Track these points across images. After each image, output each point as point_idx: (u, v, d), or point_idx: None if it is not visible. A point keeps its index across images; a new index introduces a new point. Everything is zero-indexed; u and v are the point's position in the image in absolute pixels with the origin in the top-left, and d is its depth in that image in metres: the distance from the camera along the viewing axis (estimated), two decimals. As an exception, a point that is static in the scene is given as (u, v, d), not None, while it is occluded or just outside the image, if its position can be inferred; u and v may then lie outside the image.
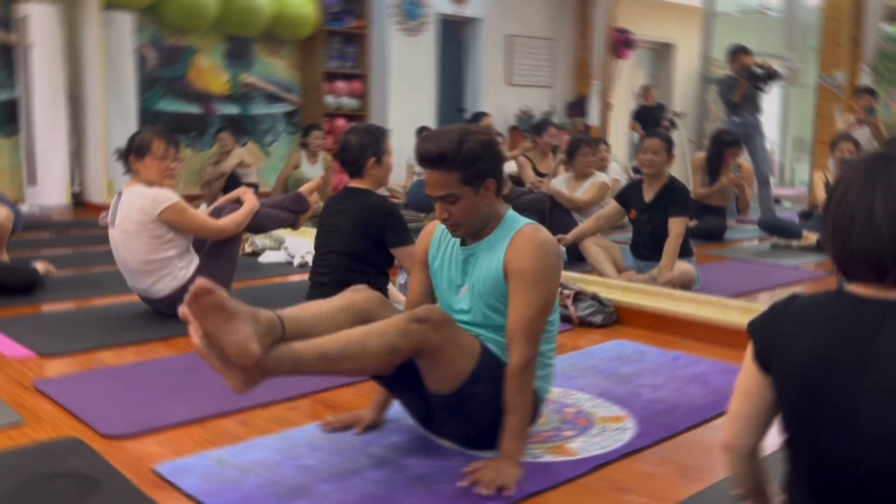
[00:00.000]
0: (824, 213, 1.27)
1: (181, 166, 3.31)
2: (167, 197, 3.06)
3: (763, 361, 1.29)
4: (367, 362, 1.70)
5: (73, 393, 2.30)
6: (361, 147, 2.81)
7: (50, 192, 6.73)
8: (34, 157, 6.67)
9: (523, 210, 2.21)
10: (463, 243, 1.93)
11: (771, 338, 1.28)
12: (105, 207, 6.28)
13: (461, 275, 1.91)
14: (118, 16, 6.85)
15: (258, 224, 3.42)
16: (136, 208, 3.05)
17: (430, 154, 1.78)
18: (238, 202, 3.40)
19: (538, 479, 1.78)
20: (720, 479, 1.81)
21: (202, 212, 3.41)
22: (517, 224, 1.88)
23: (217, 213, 3.35)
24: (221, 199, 3.55)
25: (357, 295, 1.91)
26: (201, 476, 1.78)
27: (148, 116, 7.34)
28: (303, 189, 3.71)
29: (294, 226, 3.62)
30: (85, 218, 6.39)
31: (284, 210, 3.56)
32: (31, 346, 2.76)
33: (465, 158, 1.77)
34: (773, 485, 1.45)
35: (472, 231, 1.87)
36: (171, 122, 7.54)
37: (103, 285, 3.83)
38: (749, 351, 1.32)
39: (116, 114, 6.91)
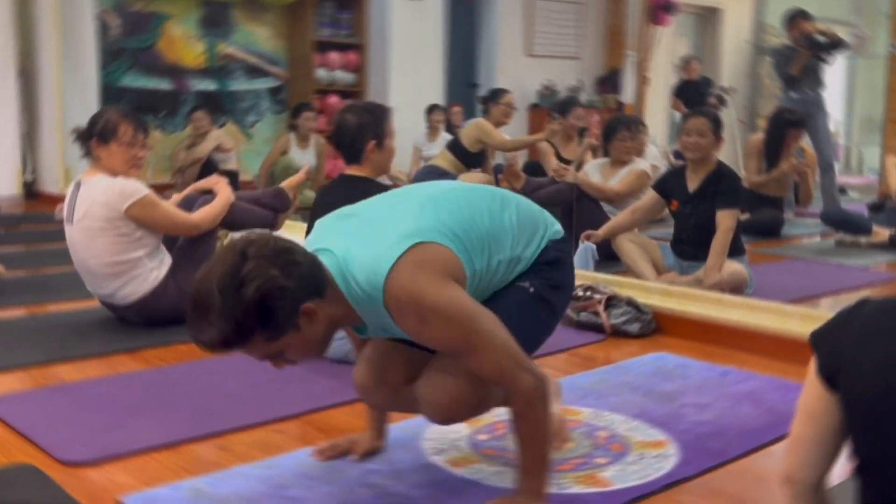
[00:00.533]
0: None
1: (150, 153, 3.33)
2: (136, 189, 3.07)
3: (829, 377, 1.30)
4: None
5: (25, 413, 2.32)
6: (360, 128, 2.81)
7: (-2, 180, 6.80)
8: (-22, 141, 6.73)
9: (545, 204, 2.17)
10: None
11: (838, 350, 1.28)
12: (61, 198, 6.34)
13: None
14: (77, -22, 6.91)
15: (233, 220, 3.44)
16: (99, 202, 3.06)
17: (213, 347, 1.55)
18: (210, 193, 3.41)
19: (566, 513, 1.79)
20: (778, 514, 1.81)
21: (173, 202, 3.42)
22: (377, 297, 1.63)
23: (188, 205, 3.37)
24: (190, 188, 3.57)
25: None
26: (174, 509, 1.79)
27: (111, 93, 7.41)
28: (285, 184, 3.73)
29: (273, 226, 3.62)
30: (38, 210, 6.46)
31: (263, 206, 3.59)
32: (-24, 359, 2.78)
33: (253, 325, 1.52)
34: None
35: (322, 354, 1.73)
36: (137, 100, 7.61)
37: (60, 288, 3.88)
38: (812, 366, 1.33)
39: (74, 90, 6.98)
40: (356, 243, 1.67)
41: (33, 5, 6.95)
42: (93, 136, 3.14)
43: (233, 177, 7.38)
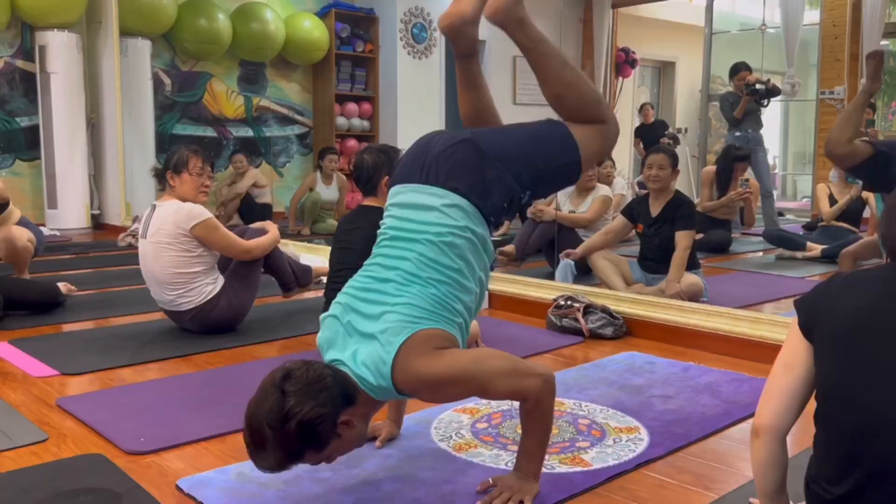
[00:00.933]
0: (882, 219, 1.38)
1: (213, 184, 3.34)
2: (201, 212, 3.11)
3: (807, 328, 1.36)
4: None
5: (95, 410, 2.29)
6: (375, 166, 2.81)
7: (70, 215, 6.79)
8: (54, 181, 6.73)
9: (533, 246, 2.15)
10: None
11: (816, 306, 1.36)
12: (123, 229, 6.36)
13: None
14: (136, 42, 6.92)
15: (271, 263, 3.46)
16: (169, 221, 3.09)
17: (273, 471, 1.56)
18: (262, 231, 3.45)
19: (555, 490, 1.76)
20: (734, 488, 1.79)
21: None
22: (390, 388, 1.61)
23: (239, 234, 3.37)
24: (253, 225, 3.59)
25: None
26: (222, 490, 1.77)
27: (164, 140, 7.40)
28: (317, 269, 3.75)
29: (286, 293, 3.62)
30: (104, 239, 6.43)
31: (292, 268, 3.59)
32: (53, 365, 2.76)
33: (302, 448, 1.52)
34: (787, 494, 1.44)
35: (364, 441, 1.69)
36: (187, 146, 7.60)
37: (122, 305, 3.85)
38: (793, 324, 1.39)
39: (134, 138, 6.98)
40: (360, 346, 1.64)
41: (100, 66, 6.95)
42: (168, 169, 3.17)
43: (267, 209, 7.40)
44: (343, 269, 2.87)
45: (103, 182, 7.14)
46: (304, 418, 1.48)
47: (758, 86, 6.51)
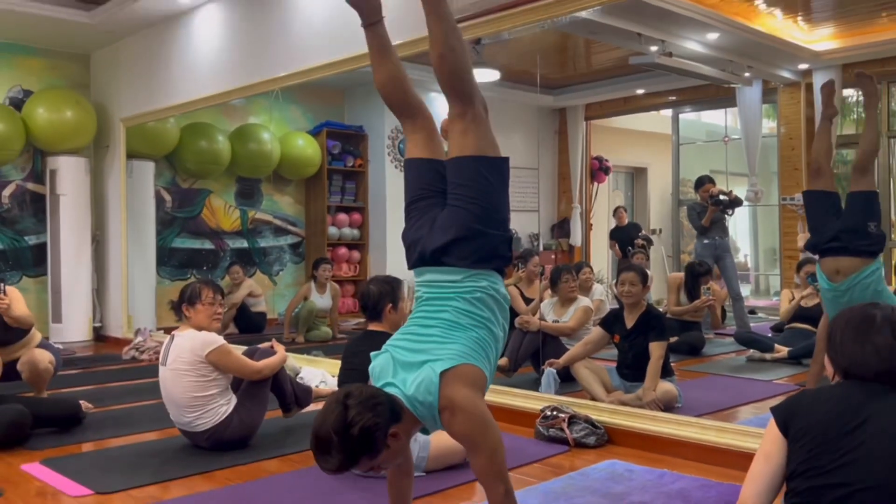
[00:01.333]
0: (829, 339, 1.84)
1: (223, 310, 3.66)
2: (214, 340, 3.41)
3: (783, 427, 1.77)
4: None
5: (134, 528, 2.55)
6: (381, 295, 3.16)
7: (73, 328, 7.05)
8: (59, 297, 7.02)
9: (524, 356, 2.49)
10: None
11: (792, 409, 1.78)
12: (126, 342, 6.62)
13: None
14: (141, 164, 7.35)
15: (275, 383, 3.70)
16: (186, 349, 3.39)
17: (335, 471, 1.87)
18: (270, 350, 3.73)
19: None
20: (701, 586, 2.08)
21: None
22: (433, 395, 1.97)
23: (249, 354, 3.67)
24: (259, 346, 3.84)
25: None
26: None
27: (164, 253, 7.75)
28: (316, 391, 4.11)
29: (286, 413, 3.84)
30: (107, 352, 6.67)
31: (293, 392, 3.84)
32: (86, 484, 3.01)
33: (360, 453, 1.85)
34: None
35: (404, 456, 2.09)
36: (185, 258, 7.95)
37: (137, 422, 4.09)
38: (771, 424, 1.80)
39: (136, 252, 7.31)
40: (410, 373, 2.01)
41: (106, 187, 7.35)
42: (183, 302, 3.48)
43: (262, 317, 7.70)
44: (350, 389, 3.19)
45: (105, 295, 7.43)
46: (364, 425, 1.83)
47: (721, 197, 7.00)
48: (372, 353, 2.16)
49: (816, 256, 3.89)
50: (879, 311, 1.81)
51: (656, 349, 4.08)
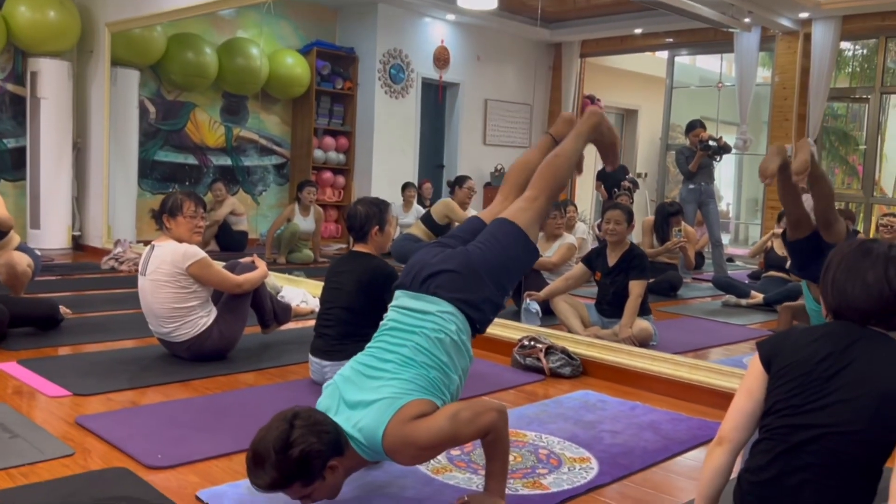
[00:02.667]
0: (823, 275, 1.81)
1: (205, 224, 3.61)
2: (195, 252, 3.38)
3: (766, 363, 1.78)
4: None
5: (112, 428, 2.57)
6: (367, 217, 3.13)
7: (51, 235, 6.98)
8: (38, 202, 6.92)
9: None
10: None
11: (777, 347, 1.78)
12: (105, 251, 6.57)
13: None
14: (125, 72, 7.18)
15: (255, 298, 3.69)
16: (167, 261, 3.36)
17: (265, 489, 1.83)
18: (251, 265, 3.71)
19: (517, 508, 2.10)
20: (667, 510, 2.15)
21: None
22: (377, 442, 1.92)
23: (230, 268, 3.65)
24: (240, 261, 3.83)
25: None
26: (237, 501, 2.07)
27: (146, 166, 7.65)
28: (296, 310, 4.06)
29: (265, 329, 3.84)
30: (86, 261, 6.63)
31: (273, 308, 3.84)
32: (65, 386, 3.02)
33: (294, 476, 1.80)
34: None
35: (339, 492, 1.97)
36: (168, 172, 7.85)
37: (116, 329, 4.10)
38: (755, 359, 1.81)
39: (118, 162, 7.21)
40: (355, 413, 1.97)
41: (89, 94, 7.19)
42: (164, 212, 3.43)
43: (243, 236, 7.67)
44: (332, 307, 3.20)
45: (85, 205, 7.34)
46: (304, 449, 1.79)
47: (710, 142, 6.98)
48: (325, 385, 2.12)
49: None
50: (876, 247, 1.75)
51: (636, 287, 4.12)
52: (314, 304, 4.63)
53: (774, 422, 1.74)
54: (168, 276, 3.35)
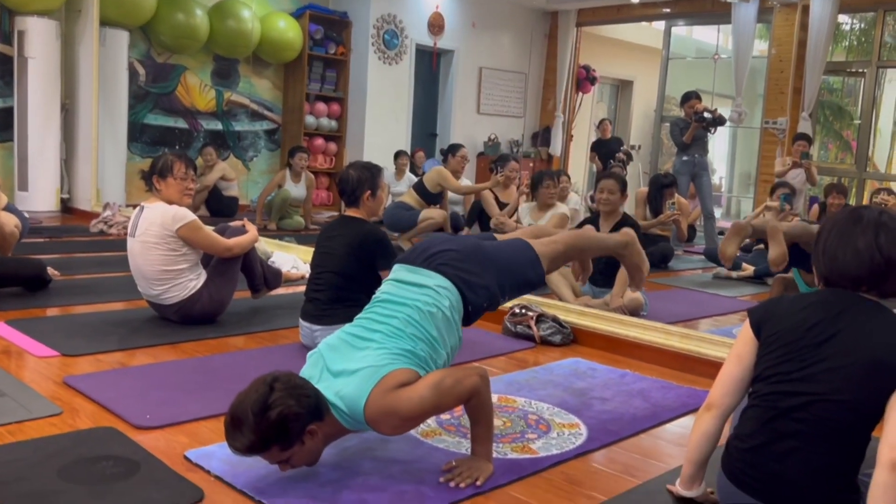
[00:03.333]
0: (816, 242, 1.80)
1: (195, 187, 3.58)
2: (185, 215, 3.35)
3: (756, 329, 1.79)
4: None
5: (100, 389, 2.56)
6: (360, 181, 3.10)
7: (40, 198, 6.91)
8: (26, 164, 6.85)
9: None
10: None
11: (767, 313, 1.80)
12: (94, 215, 6.52)
13: None
14: (114, 33, 7.08)
15: (245, 261, 3.66)
16: (156, 223, 3.32)
17: (242, 452, 1.81)
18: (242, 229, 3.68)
19: (506, 472, 2.10)
20: (655, 476, 2.16)
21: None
22: (358, 411, 1.90)
23: (220, 232, 3.62)
24: (230, 224, 3.80)
25: None
26: (225, 461, 2.07)
27: (136, 129, 7.57)
28: (286, 274, 4.04)
29: (255, 294, 3.82)
30: (74, 224, 6.58)
31: (263, 273, 3.81)
32: (52, 346, 3.00)
33: (270, 437, 1.79)
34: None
35: (318, 458, 1.97)
36: (158, 136, 7.78)
37: (105, 292, 4.07)
38: (746, 325, 1.82)
39: (106, 125, 7.14)
40: (337, 382, 1.95)
41: (77, 54, 7.08)
42: (154, 174, 3.39)
43: (234, 202, 7.62)
44: (323, 271, 3.19)
45: (74, 167, 7.27)
46: (282, 412, 1.77)
47: (706, 114, 6.95)
48: (309, 353, 2.11)
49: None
50: (867, 213, 1.74)
51: (628, 257, 4.11)
52: (305, 270, 4.61)
53: (763, 388, 1.74)
54: (157, 238, 3.32)
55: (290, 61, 8.41)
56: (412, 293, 2.12)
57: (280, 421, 1.78)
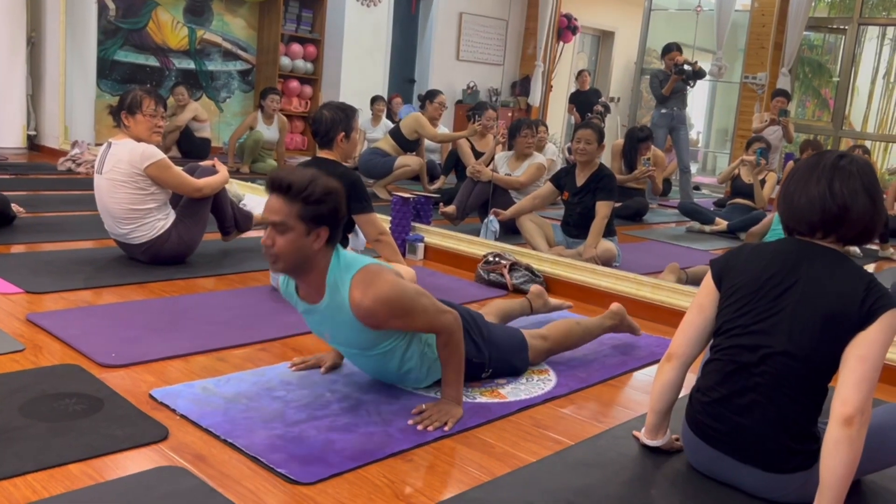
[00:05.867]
0: (781, 188, 1.80)
1: (164, 124, 3.49)
2: (154, 153, 3.27)
3: (718, 281, 1.80)
4: None
5: (65, 327, 2.52)
6: (334, 122, 3.05)
7: (5, 134, 6.75)
8: (-10, 99, 6.64)
9: (472, 206, 2.47)
10: (298, 293, 2.07)
11: (727, 266, 1.81)
12: (61, 152, 6.38)
13: (316, 325, 2.12)
14: (82, -36, 6.82)
15: (214, 202, 3.60)
16: (124, 160, 3.25)
17: (281, 181, 1.87)
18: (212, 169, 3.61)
19: (476, 416, 2.11)
20: (621, 423, 2.18)
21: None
22: (345, 284, 1.94)
23: (189, 172, 3.55)
24: (200, 164, 3.73)
25: None
26: (191, 400, 2.05)
27: (105, 65, 7.35)
28: (257, 217, 3.91)
29: (225, 236, 3.76)
30: (41, 161, 6.43)
31: (234, 215, 3.75)
32: (17, 283, 2.95)
33: (308, 195, 1.85)
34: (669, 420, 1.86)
35: (288, 269, 1.95)
36: (128, 73, 7.56)
37: (72, 230, 4.00)
38: (707, 276, 1.83)
39: (74, 60, 6.92)
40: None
41: (43, -15, 6.85)
42: (123, 109, 3.30)
43: (206, 143, 7.47)
44: (295, 214, 3.14)
45: (41, 103, 7.07)
46: (326, 189, 1.89)
47: (686, 66, 6.90)
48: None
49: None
50: (825, 158, 1.71)
51: (602, 208, 4.11)
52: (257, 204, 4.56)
53: (724, 342, 1.75)
54: (125, 175, 3.25)
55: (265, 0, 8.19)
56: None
57: (326, 192, 1.88)
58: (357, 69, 8.57)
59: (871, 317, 1.60)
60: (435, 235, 4.14)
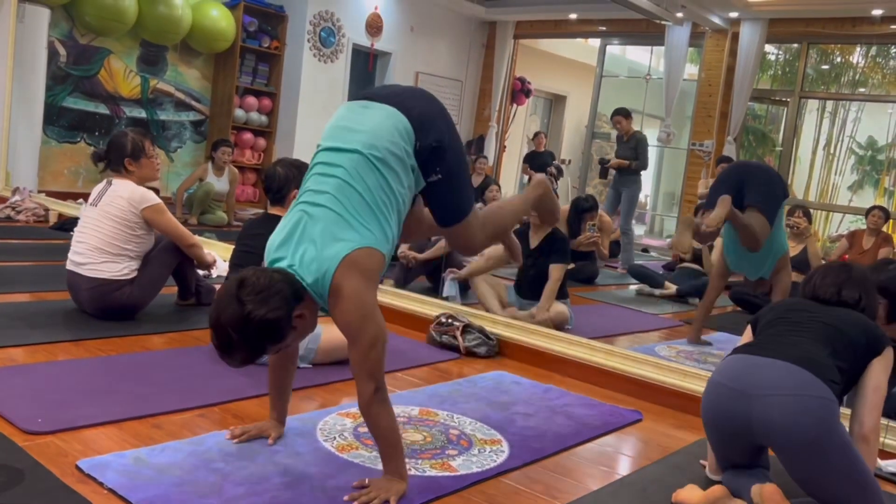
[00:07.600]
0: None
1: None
2: (153, 197, 3.36)
3: (753, 325, 2.31)
4: None
5: (-12, 388, 2.35)
6: (287, 179, 2.98)
7: (-58, 177, 6.48)
8: (-71, 141, 6.40)
9: (429, 261, 2.41)
10: None
11: (759, 315, 2.32)
12: (2, 199, 6.14)
13: None
14: (34, 9, 6.69)
15: (183, 268, 3.60)
16: (124, 198, 3.29)
17: (242, 366, 1.83)
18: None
19: (424, 491, 2.00)
20: (576, 498, 2.10)
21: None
22: (324, 293, 1.84)
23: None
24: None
25: None
26: (121, 473, 1.90)
27: (53, 112, 7.18)
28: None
29: (181, 299, 3.73)
30: (-20, 208, 6.18)
31: (198, 288, 3.75)
32: (-61, 339, 2.76)
33: (265, 342, 1.79)
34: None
35: (314, 325, 1.95)
36: (76, 120, 7.40)
37: (5, 282, 3.81)
38: (747, 325, 2.34)
39: (21, 104, 6.73)
40: (310, 248, 1.84)
41: (-9, 29, 6.68)
42: (126, 156, 3.33)
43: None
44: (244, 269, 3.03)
45: (-17, 148, 6.83)
46: (263, 319, 1.74)
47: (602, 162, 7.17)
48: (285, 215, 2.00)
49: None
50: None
51: (555, 271, 4.09)
52: (224, 269, 4.41)
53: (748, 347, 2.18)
54: (120, 211, 3.27)
55: (221, 52, 8.14)
56: (367, 122, 1.94)
57: (264, 328, 1.76)
58: (312, 123, 8.54)
59: (879, 348, 2.12)
60: (387, 295, 4.05)
